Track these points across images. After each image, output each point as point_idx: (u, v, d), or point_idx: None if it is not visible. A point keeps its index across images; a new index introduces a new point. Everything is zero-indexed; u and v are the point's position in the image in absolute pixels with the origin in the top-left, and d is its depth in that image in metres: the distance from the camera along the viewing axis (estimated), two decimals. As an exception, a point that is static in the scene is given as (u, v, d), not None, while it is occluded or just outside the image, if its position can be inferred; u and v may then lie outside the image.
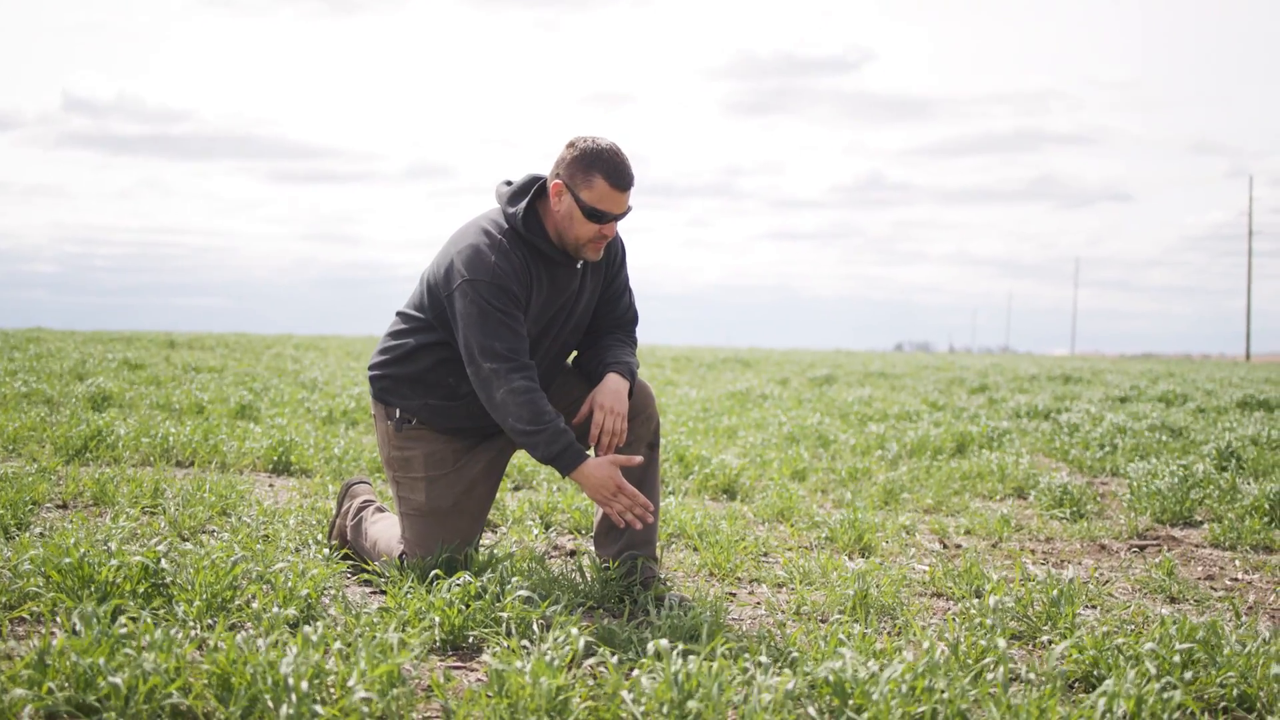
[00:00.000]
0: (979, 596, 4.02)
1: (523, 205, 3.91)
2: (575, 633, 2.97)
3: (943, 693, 2.67)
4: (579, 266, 4.00)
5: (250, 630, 3.25)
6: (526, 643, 3.08)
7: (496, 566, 3.87)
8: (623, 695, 2.65)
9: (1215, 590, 4.43)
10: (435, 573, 3.73)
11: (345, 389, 10.93)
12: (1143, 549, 5.22)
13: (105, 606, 2.91)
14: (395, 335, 4.11)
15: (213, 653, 2.69)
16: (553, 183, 3.87)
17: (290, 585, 3.51)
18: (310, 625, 3.01)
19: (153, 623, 2.96)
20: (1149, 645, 3.11)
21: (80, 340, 19.06)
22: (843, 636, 3.23)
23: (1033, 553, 5.08)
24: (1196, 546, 5.30)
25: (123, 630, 2.77)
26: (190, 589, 3.41)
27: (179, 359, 15.08)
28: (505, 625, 3.33)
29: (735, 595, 4.17)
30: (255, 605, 3.41)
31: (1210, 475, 6.39)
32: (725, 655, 2.85)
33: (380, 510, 4.37)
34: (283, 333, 33.77)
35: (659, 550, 4.20)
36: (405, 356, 4.06)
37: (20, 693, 2.55)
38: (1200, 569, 4.84)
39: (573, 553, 4.73)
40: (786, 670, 2.78)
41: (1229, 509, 5.85)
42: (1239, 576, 4.72)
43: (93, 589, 3.36)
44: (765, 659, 2.86)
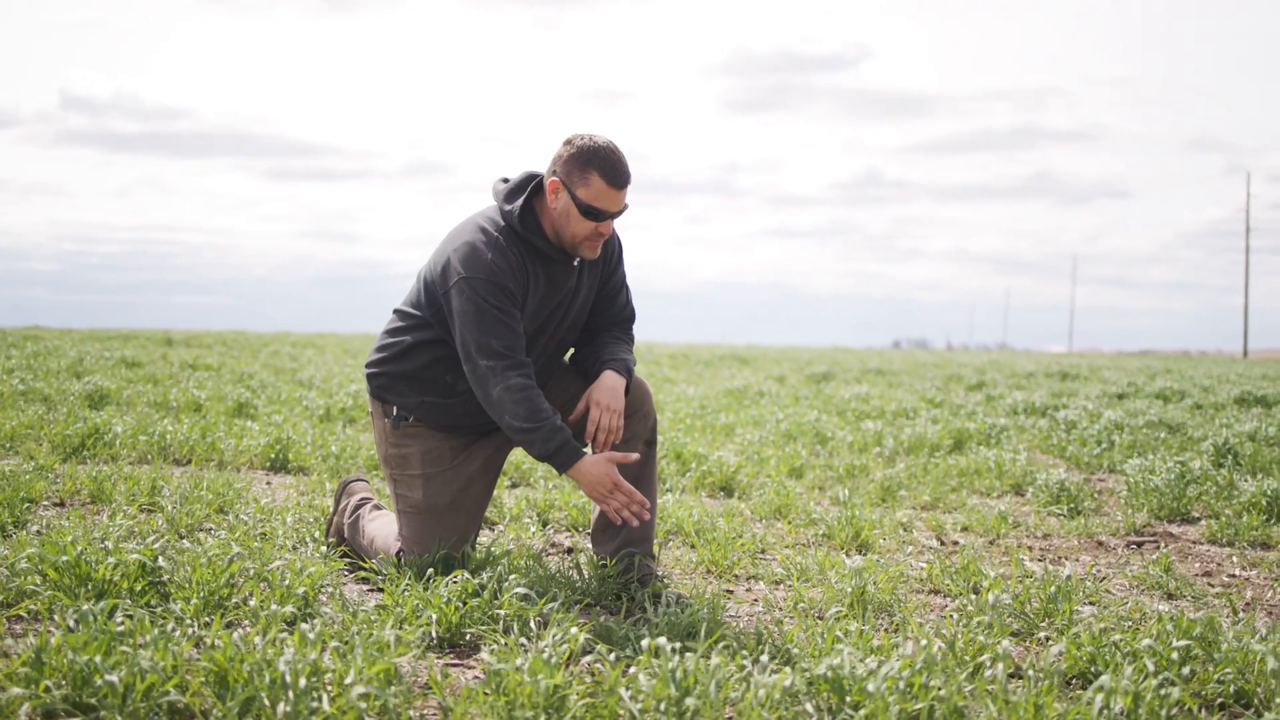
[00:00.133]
0: (976, 593, 4.02)
1: (519, 203, 3.90)
2: (573, 630, 2.97)
3: (940, 689, 2.67)
4: (576, 264, 4.00)
5: (247, 628, 3.25)
6: (524, 640, 3.08)
7: (494, 564, 3.87)
8: (620, 693, 2.65)
9: (1213, 586, 4.43)
10: (432, 570, 3.73)
11: (343, 387, 10.93)
12: (1140, 545, 5.23)
13: (102, 604, 2.91)
14: (392, 333, 4.11)
15: (210, 650, 2.69)
16: (549, 180, 3.87)
17: (288, 583, 3.51)
18: (308, 623, 3.00)
19: (150, 621, 2.96)
20: (1146, 642, 3.12)
21: (78, 338, 19.06)
22: (840, 633, 3.23)
23: (1030, 549, 5.08)
24: (1194, 543, 5.30)
25: (120, 628, 2.77)
26: (187, 587, 3.41)
27: (176, 357, 15.07)
28: (503, 623, 3.33)
29: (733, 592, 4.17)
30: (253, 603, 3.41)
31: (1207, 471, 6.39)
32: (723, 652, 2.85)
33: (378, 508, 4.37)
34: (280, 330, 33.77)
35: (656, 547, 4.20)
36: (402, 354, 4.06)
37: (18, 691, 2.55)
38: (1198, 565, 4.84)
39: (570, 550, 4.73)
40: (784, 667, 2.78)
41: (1226, 505, 5.85)
42: (1236, 573, 4.72)
43: (90, 587, 3.36)
44: (763, 656, 2.86)
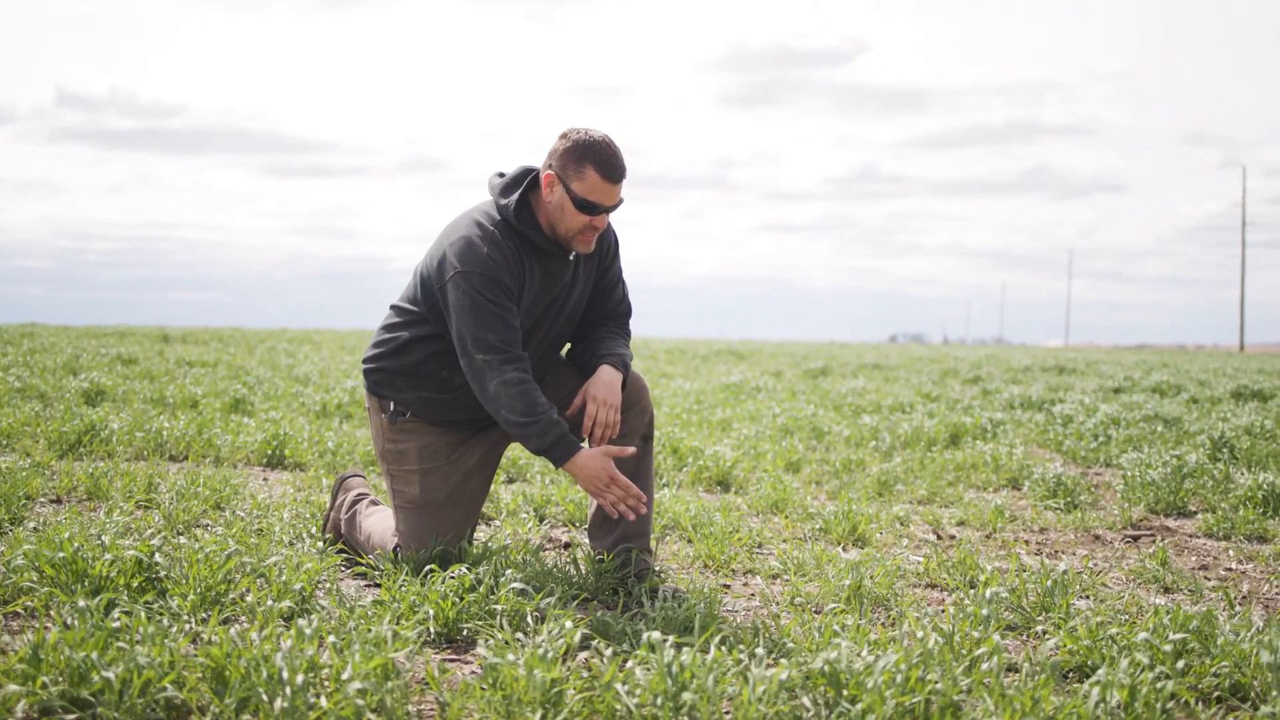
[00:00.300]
0: (973, 587, 4.03)
1: (515, 197, 3.90)
2: (569, 625, 2.97)
3: (937, 683, 2.68)
4: (571, 258, 4.00)
5: (244, 624, 3.25)
6: (521, 635, 3.08)
7: (491, 559, 3.87)
8: (617, 687, 2.65)
9: (1209, 580, 4.43)
10: (429, 566, 3.73)
11: (339, 382, 10.93)
12: (1136, 539, 5.23)
13: (99, 600, 2.91)
14: (389, 328, 4.11)
15: (207, 646, 2.69)
16: (545, 174, 3.87)
17: (284, 579, 3.51)
18: (304, 618, 3.00)
19: (147, 617, 2.96)
20: (1143, 635, 3.12)
21: (74, 335, 19.04)
22: (837, 627, 3.23)
23: (1027, 543, 5.09)
24: (1190, 537, 5.31)
25: (117, 624, 2.77)
26: (184, 583, 3.40)
27: (173, 354, 15.06)
28: (499, 618, 3.33)
29: (730, 587, 4.17)
30: (249, 599, 3.41)
31: (1204, 465, 6.40)
32: (719, 647, 2.85)
33: (374, 504, 4.37)
34: (277, 327, 33.75)
35: (653, 542, 4.21)
36: (399, 349, 4.06)
37: (14, 687, 2.55)
38: (1194, 559, 4.84)
39: (567, 545, 4.73)
40: (781, 661, 2.78)
41: (1223, 499, 5.86)
42: (1233, 566, 4.72)
43: (86, 583, 3.35)
44: (760, 650, 2.86)
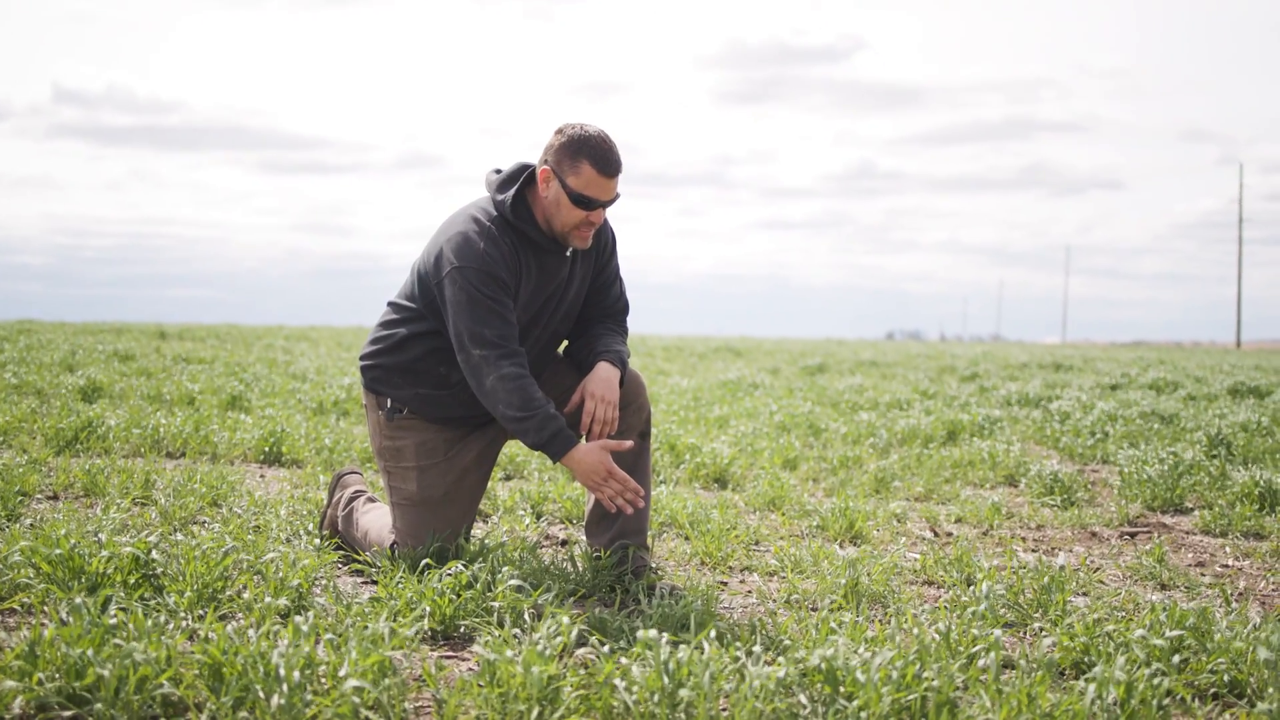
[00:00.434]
0: (970, 584, 4.03)
1: (511, 193, 3.90)
2: (567, 622, 2.97)
3: (933, 680, 2.68)
4: (568, 254, 4.00)
5: (241, 620, 3.25)
6: (518, 632, 3.08)
7: (488, 556, 3.87)
8: (614, 684, 2.65)
9: (1205, 577, 4.44)
10: (426, 562, 3.73)
11: (336, 379, 10.92)
12: (1133, 536, 5.23)
13: (95, 597, 2.91)
14: (386, 325, 4.11)
15: (204, 643, 2.69)
16: (541, 169, 3.87)
17: (281, 575, 3.51)
18: (301, 615, 3.00)
19: (143, 613, 2.96)
20: (1139, 632, 3.12)
21: (70, 332, 19.02)
22: (834, 624, 3.23)
23: (1023, 540, 5.09)
24: (1187, 533, 5.31)
25: (113, 621, 2.77)
26: (181, 579, 3.40)
27: (170, 350, 15.05)
28: (497, 615, 3.33)
29: (727, 584, 4.17)
30: (246, 595, 3.41)
31: (1201, 462, 6.40)
32: (716, 644, 2.85)
33: (371, 500, 4.37)
34: (274, 324, 33.73)
35: (650, 539, 4.21)
36: (396, 346, 4.06)
37: (11, 684, 2.55)
38: (1191, 556, 4.85)
39: (564, 542, 4.73)
40: (778, 658, 2.78)
41: (1219, 496, 5.86)
42: (1229, 563, 4.73)
43: (83, 580, 3.35)
44: (757, 647, 2.86)
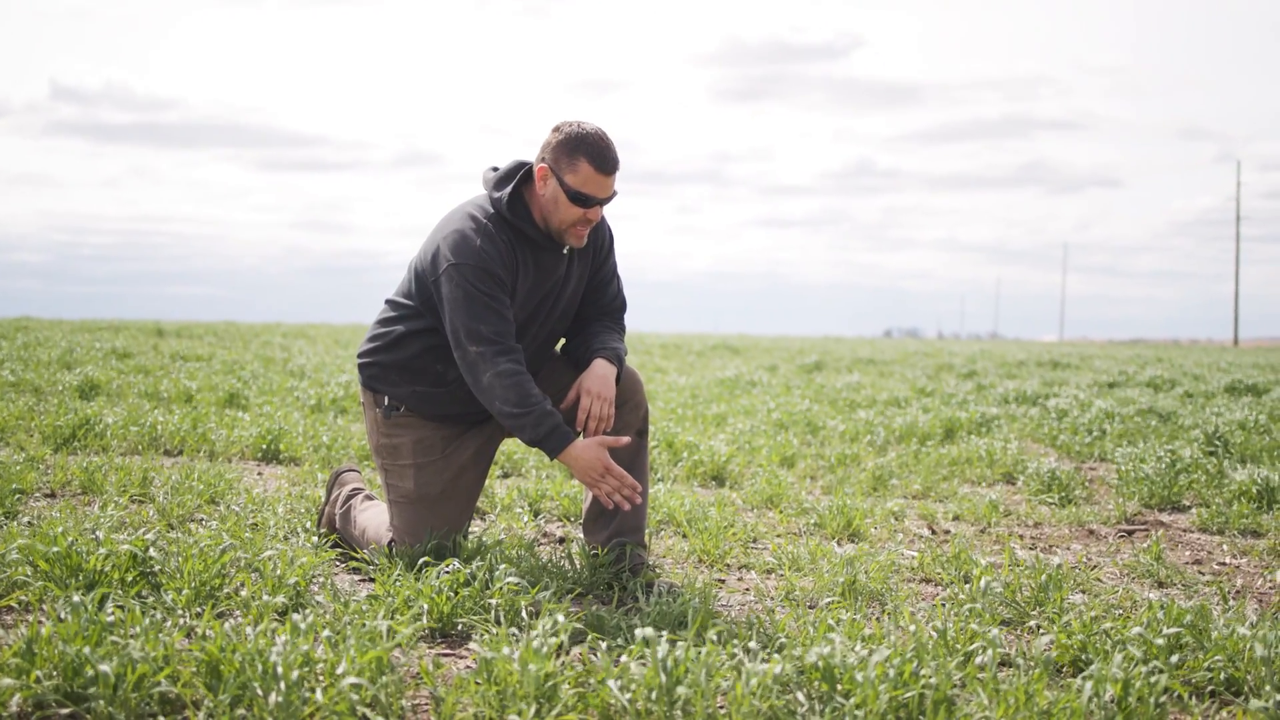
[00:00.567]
0: (967, 582, 4.03)
1: (508, 190, 3.91)
2: (564, 620, 2.97)
3: (930, 678, 2.68)
4: (565, 252, 4.00)
5: (239, 618, 3.25)
6: (515, 630, 3.08)
7: (485, 554, 3.87)
8: (611, 682, 2.65)
9: (1203, 574, 4.44)
10: (424, 560, 3.73)
11: (333, 377, 10.92)
12: (1131, 534, 5.24)
13: (93, 595, 2.91)
14: (384, 323, 4.11)
15: (201, 641, 2.69)
16: (538, 167, 3.87)
17: (279, 573, 3.51)
18: (299, 613, 3.00)
19: (141, 611, 2.96)
20: (1137, 630, 3.12)
21: (68, 329, 19.01)
22: (831, 622, 3.23)
23: (1021, 538, 5.09)
24: (1184, 531, 5.31)
25: (111, 619, 2.77)
26: (179, 577, 3.40)
27: (167, 348, 15.05)
28: (494, 612, 3.33)
29: (724, 581, 4.17)
30: (244, 593, 3.41)
31: (1198, 460, 6.41)
32: (714, 641, 2.85)
33: (369, 498, 4.37)
34: (272, 321, 33.71)
35: (648, 537, 4.21)
36: (393, 344, 4.06)
37: (8, 681, 2.55)
38: (1188, 553, 4.85)
39: (561, 540, 4.73)
40: (775, 655, 2.78)
41: (1216, 494, 5.86)
42: (1226, 561, 4.73)
43: (81, 578, 3.35)
44: (754, 645, 2.87)
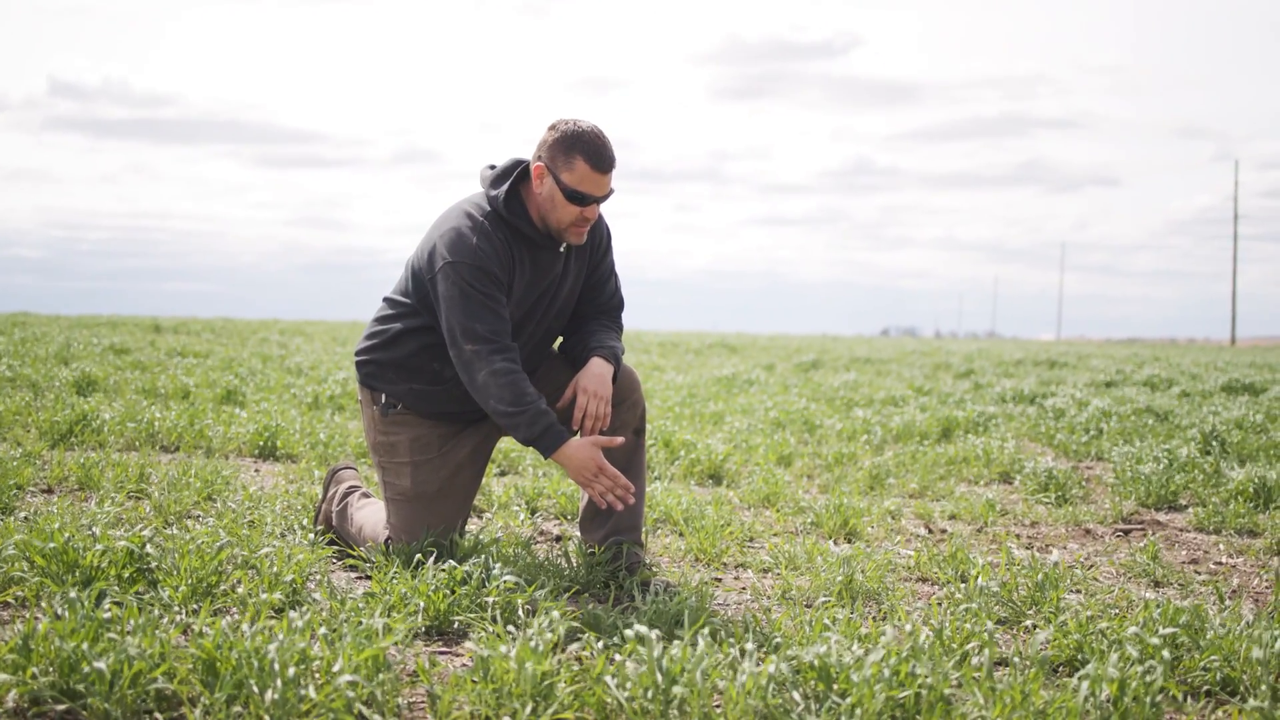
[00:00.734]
0: (964, 581, 4.03)
1: (505, 188, 3.90)
2: (560, 618, 2.98)
3: (926, 677, 2.68)
4: (562, 250, 4.00)
5: (235, 615, 3.25)
6: (511, 628, 3.08)
7: (482, 552, 3.87)
8: (607, 681, 2.65)
9: (1199, 574, 4.44)
10: (420, 558, 3.73)
11: (331, 374, 10.91)
12: (1127, 533, 5.24)
13: (89, 591, 2.91)
14: (381, 320, 4.11)
15: (198, 637, 2.69)
16: (535, 165, 3.87)
17: (276, 570, 3.51)
18: (296, 610, 3.01)
19: (138, 608, 2.96)
20: (1133, 629, 3.12)
21: (65, 325, 19.01)
22: (827, 621, 3.23)
23: (1018, 537, 5.09)
24: (1181, 530, 5.32)
25: (107, 615, 2.77)
26: (175, 574, 3.40)
27: (164, 344, 15.04)
28: (490, 610, 3.33)
29: (721, 580, 4.18)
30: (240, 590, 3.41)
31: (1195, 459, 6.41)
32: (710, 640, 2.85)
33: (366, 496, 4.37)
34: (269, 318, 33.70)
35: (644, 535, 4.21)
36: (390, 341, 4.06)
37: (4, 678, 2.55)
38: (1184, 553, 4.85)
39: (558, 538, 4.73)
40: (771, 655, 2.78)
41: (1213, 493, 5.87)
42: (1223, 560, 4.73)
43: (77, 574, 3.35)
44: (750, 644, 2.87)
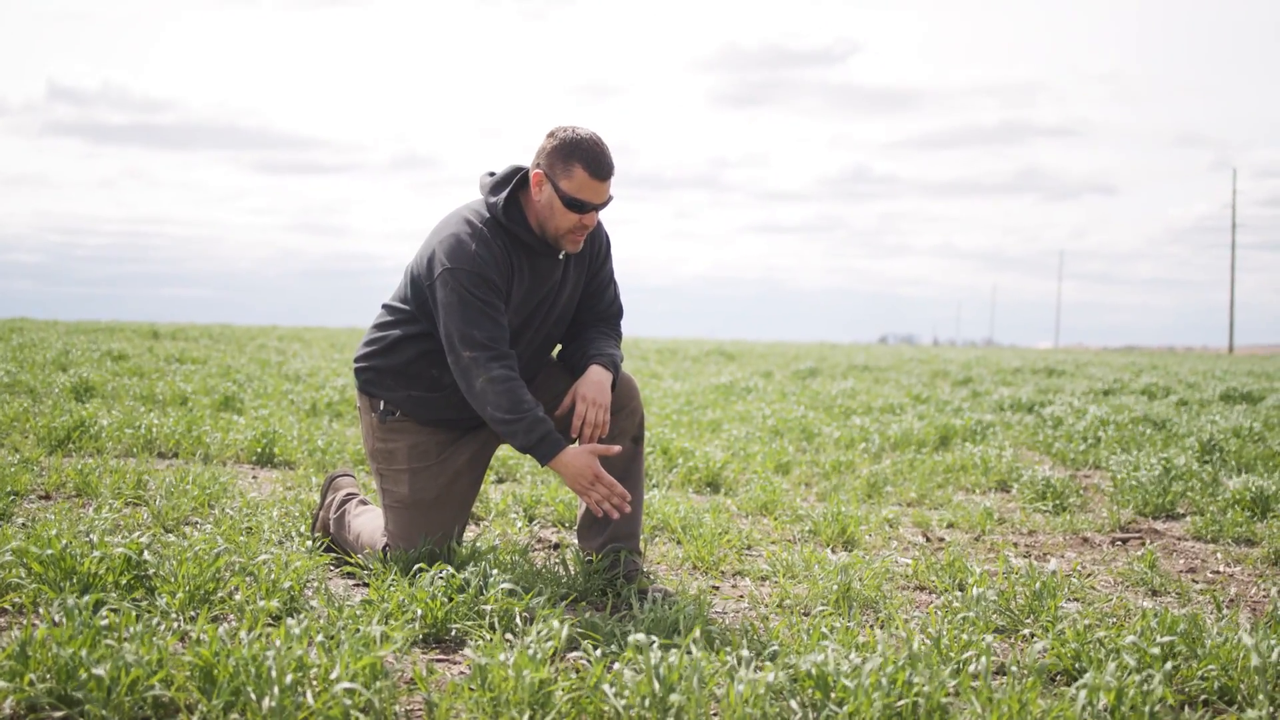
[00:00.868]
0: (962, 589, 4.03)
1: (504, 195, 3.91)
2: (558, 626, 2.97)
3: (924, 686, 2.68)
4: (561, 257, 4.00)
5: (233, 622, 3.25)
6: (509, 636, 3.08)
7: (479, 559, 3.87)
8: (604, 689, 2.65)
9: (1197, 583, 4.45)
10: (418, 565, 3.73)
11: (329, 381, 10.91)
12: (1125, 542, 5.24)
13: (87, 598, 2.90)
14: (380, 327, 4.11)
15: (195, 645, 2.69)
16: (533, 173, 3.88)
17: (273, 577, 3.50)
18: (293, 618, 3.00)
19: (135, 614, 2.96)
20: (1130, 638, 3.12)
21: (63, 330, 19.00)
22: (825, 630, 3.23)
23: (1015, 546, 5.09)
24: (1178, 539, 5.32)
25: (105, 622, 2.77)
26: (173, 581, 3.40)
27: (162, 350, 15.04)
28: (488, 618, 3.33)
29: (718, 588, 4.18)
30: (238, 597, 3.41)
31: (1192, 468, 6.41)
32: (707, 648, 2.85)
33: (364, 503, 4.37)
34: (267, 324, 33.69)
35: (642, 543, 4.21)
36: (389, 348, 4.06)
37: (1, 684, 2.55)
38: (1182, 562, 4.85)
39: (556, 546, 4.73)
40: (769, 663, 2.78)
41: (1211, 502, 5.87)
42: (1220, 569, 4.74)
43: (75, 580, 3.35)
44: (747, 652, 2.87)
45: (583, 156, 3.81)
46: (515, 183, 3.94)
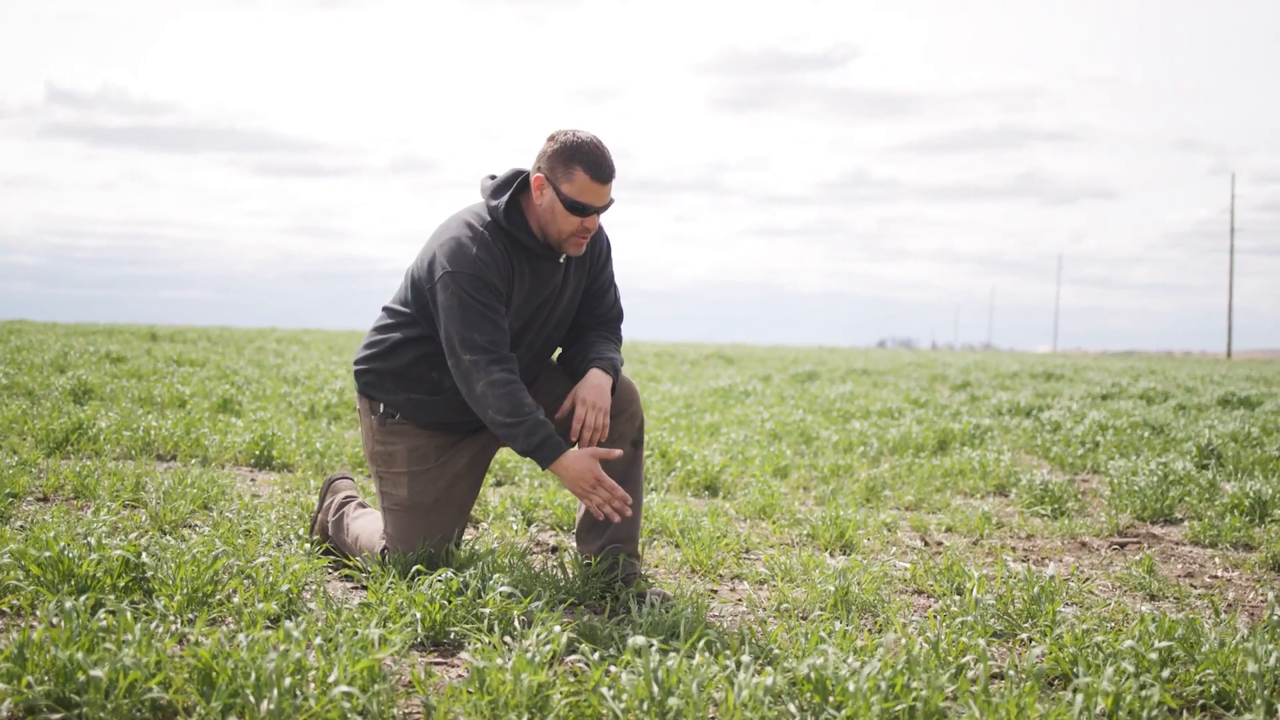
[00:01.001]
0: (960, 594, 4.03)
1: (505, 198, 3.91)
2: (556, 629, 2.98)
3: (922, 690, 2.68)
4: (562, 260, 4.01)
5: (231, 625, 3.25)
6: (508, 639, 3.08)
7: (478, 562, 3.87)
8: (603, 692, 2.65)
9: (1195, 588, 4.45)
10: (417, 568, 3.73)
11: (328, 383, 10.91)
12: (1123, 546, 5.24)
13: (85, 600, 2.91)
14: (380, 330, 4.11)
15: (194, 647, 2.69)
16: (534, 176, 3.88)
17: (271, 580, 3.51)
18: (291, 620, 3.00)
19: (133, 617, 2.96)
20: (1128, 643, 3.13)
21: (62, 332, 19.00)
22: (824, 634, 3.24)
23: (1013, 550, 5.10)
24: (1176, 544, 5.32)
25: (103, 624, 2.77)
26: (171, 583, 3.40)
27: (161, 352, 15.03)
28: (486, 621, 3.33)
29: (717, 592, 4.18)
30: (236, 600, 3.41)
31: (1190, 473, 6.42)
32: (706, 652, 2.85)
33: (362, 506, 4.37)
34: (266, 326, 33.69)
35: (641, 547, 4.21)
36: (389, 351, 4.06)
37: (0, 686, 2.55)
38: (1180, 566, 4.86)
39: (555, 549, 4.73)
40: (767, 667, 2.79)
41: (1209, 507, 5.87)
42: (1218, 574, 4.74)
43: (73, 582, 3.35)
44: (746, 656, 2.87)
45: (584, 160, 3.82)
46: (516, 186, 3.94)
